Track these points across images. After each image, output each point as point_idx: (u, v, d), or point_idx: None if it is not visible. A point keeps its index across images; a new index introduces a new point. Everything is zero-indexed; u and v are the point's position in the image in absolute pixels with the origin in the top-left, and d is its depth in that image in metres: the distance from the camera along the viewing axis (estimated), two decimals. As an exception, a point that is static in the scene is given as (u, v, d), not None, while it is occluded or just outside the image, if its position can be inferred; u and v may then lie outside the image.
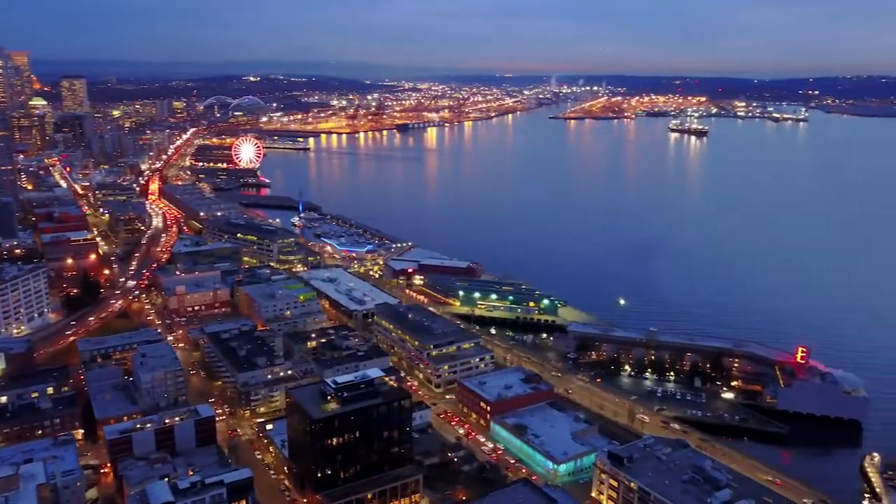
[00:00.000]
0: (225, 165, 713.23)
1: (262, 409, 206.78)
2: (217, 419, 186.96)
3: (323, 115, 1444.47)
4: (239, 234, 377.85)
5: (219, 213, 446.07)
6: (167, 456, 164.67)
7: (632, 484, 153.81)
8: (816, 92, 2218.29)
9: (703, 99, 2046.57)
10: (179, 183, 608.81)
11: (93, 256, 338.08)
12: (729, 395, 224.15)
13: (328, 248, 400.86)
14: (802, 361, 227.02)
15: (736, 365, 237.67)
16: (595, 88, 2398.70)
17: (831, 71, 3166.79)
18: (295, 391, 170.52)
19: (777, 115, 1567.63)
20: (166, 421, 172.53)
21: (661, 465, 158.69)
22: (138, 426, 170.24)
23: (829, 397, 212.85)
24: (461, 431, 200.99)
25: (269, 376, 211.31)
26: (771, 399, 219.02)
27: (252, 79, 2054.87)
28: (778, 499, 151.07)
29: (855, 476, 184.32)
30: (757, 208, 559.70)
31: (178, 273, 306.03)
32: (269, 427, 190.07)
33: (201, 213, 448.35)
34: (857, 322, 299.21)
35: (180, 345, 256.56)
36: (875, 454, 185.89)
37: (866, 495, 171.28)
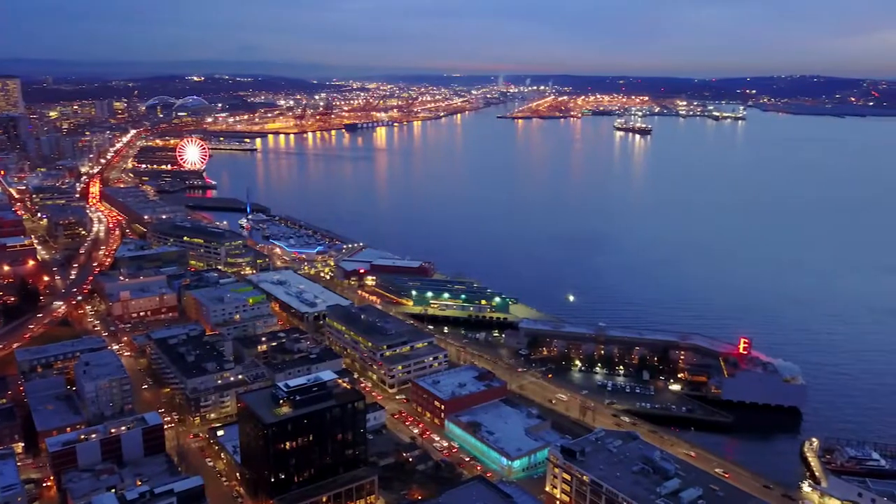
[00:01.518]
0: (169, 167, 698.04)
1: (212, 416, 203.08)
2: (165, 427, 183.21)
3: (270, 115, 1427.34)
4: (185, 238, 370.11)
5: (164, 216, 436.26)
6: (114, 466, 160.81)
7: (584, 477, 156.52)
8: (754, 91, 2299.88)
9: (646, 98, 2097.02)
10: (122, 185, 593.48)
11: (31, 263, 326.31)
12: (676, 387, 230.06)
13: (277, 249, 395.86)
14: (745, 352, 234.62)
15: (682, 357, 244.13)
16: (542, 88, 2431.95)
17: (767, 71, 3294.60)
18: (246, 396, 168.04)
19: (717, 114, 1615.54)
20: (112, 430, 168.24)
21: (613, 458, 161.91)
22: (82, 437, 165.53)
23: (770, 386, 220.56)
24: (416, 431, 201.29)
25: (219, 381, 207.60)
26: (716, 389, 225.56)
27: (196, 78, 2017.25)
28: (724, 486, 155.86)
29: (796, 461, 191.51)
30: (699, 204, 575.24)
31: (122, 278, 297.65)
32: (220, 433, 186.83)
33: (145, 217, 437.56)
34: (795, 312, 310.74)
35: (126, 352, 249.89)
36: (814, 439, 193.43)
37: (806, 479, 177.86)
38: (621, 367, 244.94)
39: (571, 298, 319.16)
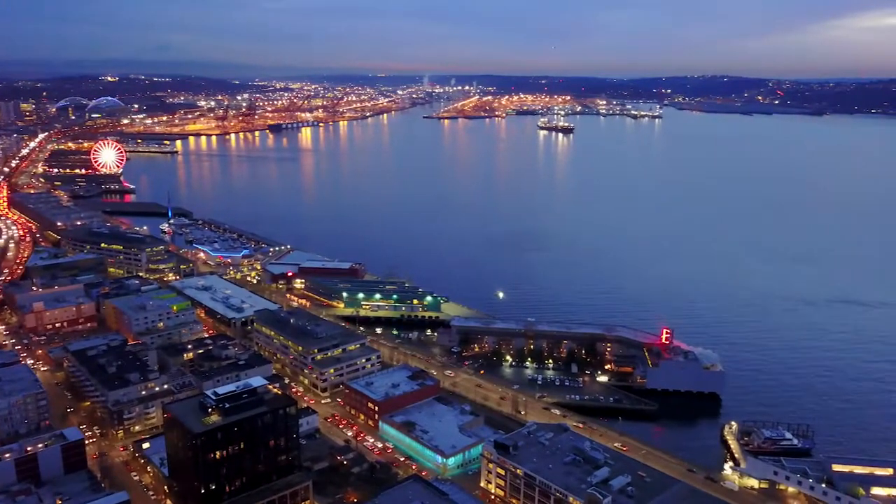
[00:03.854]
0: (84, 171, 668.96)
1: (136, 428, 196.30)
2: (87, 442, 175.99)
3: (190, 116, 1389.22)
4: (103, 244, 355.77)
5: (79, 223, 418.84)
6: (31, 487, 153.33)
7: (518, 470, 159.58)
8: (669, 90, 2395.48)
9: (568, 98, 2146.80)
10: (32, 191, 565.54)
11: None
12: (603, 379, 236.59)
13: (201, 254, 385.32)
14: (667, 342, 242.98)
15: (608, 349, 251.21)
16: (467, 88, 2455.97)
17: (680, 71, 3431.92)
18: (172, 406, 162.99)
19: (635, 113, 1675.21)
20: (28, 448, 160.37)
21: (545, 450, 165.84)
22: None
23: (692, 374, 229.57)
24: (350, 434, 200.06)
25: (144, 392, 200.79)
26: (641, 379, 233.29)
27: (110, 79, 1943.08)
28: (651, 472, 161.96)
29: (717, 444, 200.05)
30: (619, 202, 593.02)
31: (34, 288, 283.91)
32: (145, 446, 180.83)
33: (59, 224, 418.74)
34: (713, 302, 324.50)
35: (41, 366, 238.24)
36: (733, 423, 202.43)
37: (727, 461, 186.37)
38: (550, 361, 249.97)
39: (501, 295, 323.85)
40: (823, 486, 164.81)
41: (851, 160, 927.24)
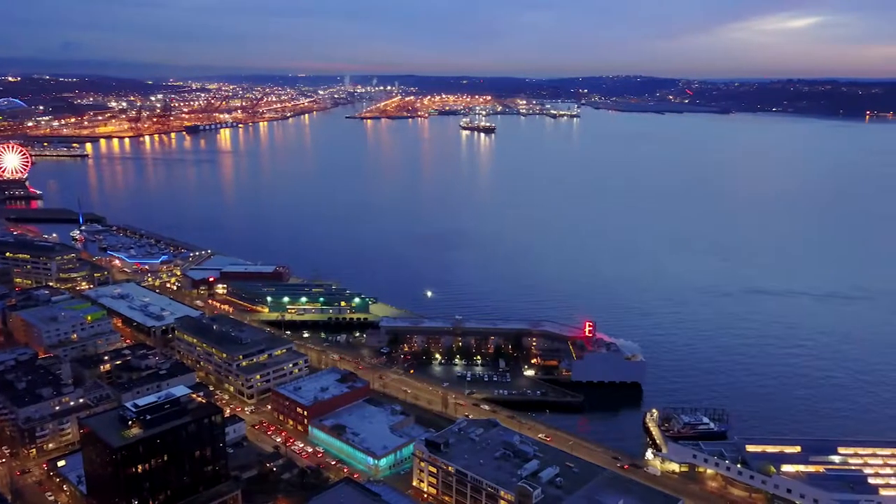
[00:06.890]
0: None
1: (50, 446, 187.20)
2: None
3: (101, 118, 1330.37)
4: (8, 254, 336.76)
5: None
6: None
7: (449, 468, 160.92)
8: (585, 90, 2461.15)
9: (489, 98, 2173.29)
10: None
11: None
12: (530, 373, 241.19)
13: (117, 261, 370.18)
14: (590, 334, 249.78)
15: (534, 343, 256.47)
16: (389, 88, 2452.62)
17: (596, 71, 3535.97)
18: (90, 420, 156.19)
19: (554, 112, 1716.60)
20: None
21: (475, 446, 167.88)
22: None
23: (614, 365, 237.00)
24: (279, 440, 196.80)
25: (58, 407, 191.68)
26: (566, 372, 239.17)
27: (11, 79, 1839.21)
28: (578, 462, 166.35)
29: (639, 431, 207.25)
30: (541, 200, 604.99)
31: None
32: (60, 464, 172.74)
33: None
34: (632, 294, 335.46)
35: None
36: (654, 410, 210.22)
37: (649, 447, 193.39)
38: (479, 358, 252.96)
39: (429, 294, 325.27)
40: (738, 466, 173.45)
41: (757, 158, 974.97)
